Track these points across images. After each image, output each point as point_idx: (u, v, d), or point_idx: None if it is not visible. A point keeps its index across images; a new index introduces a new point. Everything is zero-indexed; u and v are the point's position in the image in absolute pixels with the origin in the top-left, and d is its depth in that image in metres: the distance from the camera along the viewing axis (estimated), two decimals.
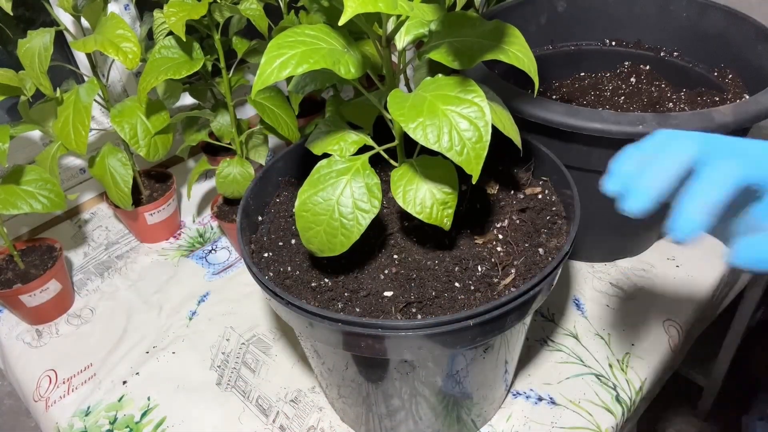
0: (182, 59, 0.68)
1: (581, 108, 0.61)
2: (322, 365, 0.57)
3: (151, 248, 0.92)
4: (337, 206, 0.46)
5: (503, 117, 0.48)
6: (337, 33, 0.43)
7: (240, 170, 0.77)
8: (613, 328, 0.74)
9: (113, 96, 0.96)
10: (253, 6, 0.69)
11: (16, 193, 0.69)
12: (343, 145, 0.51)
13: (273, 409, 0.68)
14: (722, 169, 0.33)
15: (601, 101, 0.84)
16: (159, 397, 0.70)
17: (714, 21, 0.82)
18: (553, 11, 0.89)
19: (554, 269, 0.47)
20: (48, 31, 0.66)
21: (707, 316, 0.81)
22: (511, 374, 0.63)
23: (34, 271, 0.77)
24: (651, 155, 0.36)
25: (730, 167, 0.33)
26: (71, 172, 0.97)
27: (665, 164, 0.35)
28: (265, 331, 0.77)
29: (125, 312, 0.82)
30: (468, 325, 0.44)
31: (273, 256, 0.55)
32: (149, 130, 0.73)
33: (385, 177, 0.60)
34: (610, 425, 0.64)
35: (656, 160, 0.35)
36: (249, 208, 0.58)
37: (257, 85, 0.39)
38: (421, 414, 0.57)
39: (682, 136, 0.36)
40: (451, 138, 0.40)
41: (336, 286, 0.51)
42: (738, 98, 0.77)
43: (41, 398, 0.72)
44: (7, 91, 0.69)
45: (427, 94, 0.42)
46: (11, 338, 0.80)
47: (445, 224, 0.47)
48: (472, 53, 0.43)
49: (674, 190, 0.35)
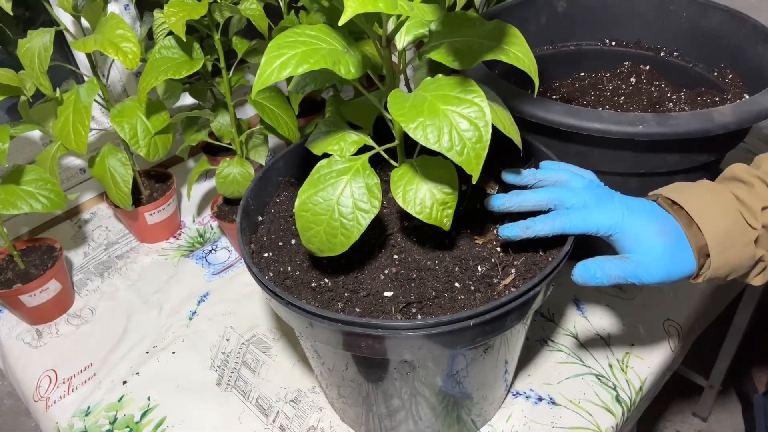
0: (182, 59, 0.67)
1: (581, 108, 0.61)
2: (322, 365, 0.57)
3: (151, 248, 0.92)
4: (337, 206, 0.46)
5: (503, 117, 0.48)
6: (337, 33, 0.43)
7: (240, 170, 0.77)
8: (613, 328, 0.74)
9: (113, 96, 0.96)
10: (253, 6, 0.69)
11: (16, 193, 0.69)
12: (343, 145, 0.51)
13: (273, 409, 0.68)
14: (548, 221, 0.49)
15: (601, 101, 0.84)
16: (159, 397, 0.70)
17: (714, 21, 0.82)
18: (553, 11, 0.89)
19: (554, 269, 0.47)
20: (48, 31, 0.66)
21: (707, 316, 0.81)
22: (511, 374, 0.63)
23: (34, 271, 0.77)
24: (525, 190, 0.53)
25: (554, 223, 0.49)
26: (71, 172, 0.97)
27: (528, 199, 0.52)
28: (265, 331, 0.77)
29: (125, 312, 0.82)
30: (468, 325, 0.44)
31: (273, 256, 0.55)
32: (149, 130, 0.73)
33: (385, 177, 0.60)
34: (610, 425, 0.64)
35: (526, 195, 0.52)
36: (249, 208, 0.58)
37: (257, 85, 0.39)
38: (421, 414, 0.57)
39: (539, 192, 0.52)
40: (451, 138, 0.40)
41: (336, 286, 0.51)
42: (738, 98, 0.77)
43: (41, 398, 0.72)
44: (7, 91, 0.69)
45: (427, 94, 0.42)
46: (11, 338, 0.80)
47: (445, 224, 0.47)
48: (472, 53, 0.43)
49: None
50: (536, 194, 0.51)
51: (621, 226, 0.49)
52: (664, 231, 0.49)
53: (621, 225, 0.49)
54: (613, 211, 0.49)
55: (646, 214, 0.49)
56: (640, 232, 0.48)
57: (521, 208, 0.51)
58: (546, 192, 0.51)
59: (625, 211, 0.49)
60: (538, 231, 0.49)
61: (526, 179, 0.54)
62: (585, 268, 0.49)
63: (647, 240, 0.48)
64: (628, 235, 0.49)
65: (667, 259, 0.48)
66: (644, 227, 0.49)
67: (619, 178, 0.66)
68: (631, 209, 0.49)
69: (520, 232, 0.49)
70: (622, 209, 0.49)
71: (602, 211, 0.49)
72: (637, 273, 0.48)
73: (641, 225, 0.49)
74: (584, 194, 0.51)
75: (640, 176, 0.66)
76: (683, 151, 0.63)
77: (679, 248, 0.49)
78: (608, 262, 0.49)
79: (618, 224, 0.49)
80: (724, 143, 0.67)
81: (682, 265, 0.49)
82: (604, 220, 0.49)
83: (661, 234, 0.48)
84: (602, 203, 0.50)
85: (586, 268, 0.49)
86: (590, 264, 0.49)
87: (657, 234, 0.48)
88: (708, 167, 0.68)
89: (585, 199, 0.50)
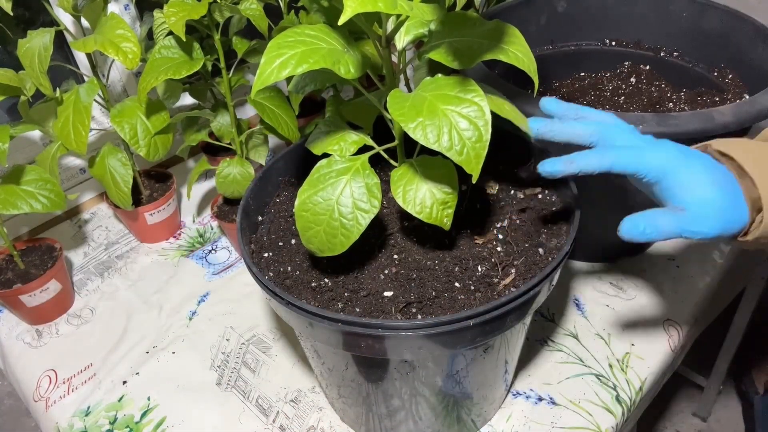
0: (182, 59, 0.68)
1: None
2: (322, 365, 0.57)
3: (151, 248, 0.92)
4: (336, 206, 0.46)
5: (499, 102, 0.48)
6: (337, 33, 0.43)
7: (240, 170, 0.77)
8: (613, 328, 0.74)
9: (113, 96, 0.96)
10: (253, 6, 0.69)
11: (16, 193, 0.69)
12: (343, 145, 0.51)
13: (273, 409, 0.68)
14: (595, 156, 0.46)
15: (601, 101, 0.84)
16: (159, 397, 0.70)
17: (714, 21, 0.82)
18: (553, 11, 0.89)
19: (554, 269, 0.47)
20: (48, 31, 0.66)
21: (707, 316, 0.81)
22: (511, 374, 0.63)
23: (34, 271, 0.77)
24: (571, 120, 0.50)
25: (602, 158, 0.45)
26: (71, 172, 0.97)
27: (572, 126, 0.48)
28: (265, 331, 0.77)
29: (125, 312, 0.82)
30: (468, 325, 0.44)
31: (273, 256, 0.55)
32: (149, 130, 0.73)
33: (385, 177, 0.60)
34: (610, 425, 0.64)
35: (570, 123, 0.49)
36: (249, 208, 0.58)
37: (257, 85, 0.39)
38: (421, 414, 0.57)
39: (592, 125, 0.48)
40: (451, 137, 0.40)
41: (336, 286, 0.51)
42: (738, 98, 0.77)
43: (41, 398, 0.72)
44: (7, 91, 0.69)
45: (426, 93, 0.42)
46: (11, 338, 0.80)
47: (445, 224, 0.47)
48: (472, 53, 0.43)
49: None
50: (582, 125, 0.47)
51: (675, 169, 0.45)
52: (720, 180, 0.45)
53: (675, 168, 0.45)
54: (667, 153, 0.45)
55: (702, 161, 0.46)
56: (695, 180, 0.44)
57: (562, 135, 0.48)
58: (593, 124, 0.47)
59: (680, 155, 0.45)
60: (584, 166, 0.45)
61: (567, 111, 0.50)
62: (633, 223, 0.44)
63: (702, 189, 0.44)
64: (681, 182, 0.45)
65: (725, 211, 0.44)
66: (699, 175, 0.45)
67: (619, 178, 0.66)
68: (686, 154, 0.46)
69: (564, 167, 0.46)
70: (676, 152, 0.45)
71: (656, 150, 0.45)
72: (694, 226, 0.44)
73: (696, 172, 0.45)
74: (634, 135, 0.47)
75: None
76: None
77: (735, 199, 0.45)
78: (660, 216, 0.45)
79: (672, 167, 0.45)
80: None
81: (738, 218, 0.45)
82: (657, 161, 0.45)
83: (717, 183, 0.44)
84: (655, 144, 0.47)
85: (634, 223, 0.44)
86: (638, 219, 0.44)
87: (713, 183, 0.44)
88: None
89: (635, 140, 0.47)
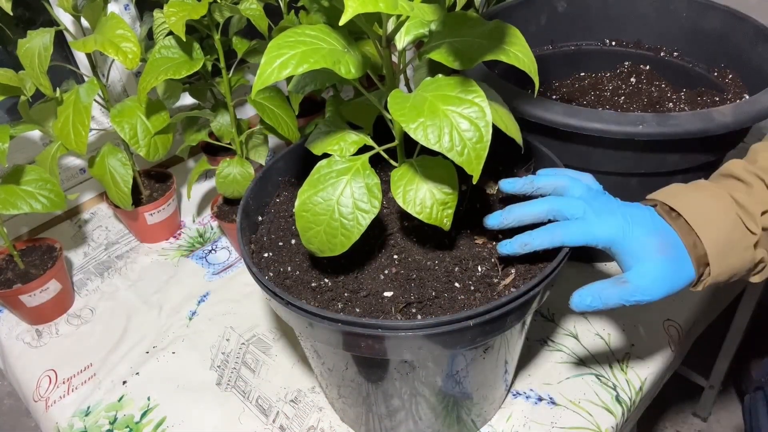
0: (182, 59, 0.67)
1: (581, 108, 0.61)
2: (322, 365, 0.57)
3: (151, 248, 0.92)
4: (337, 206, 0.46)
5: (504, 115, 0.48)
6: (337, 33, 0.43)
7: (240, 170, 0.77)
8: (613, 328, 0.74)
9: (113, 96, 0.96)
10: (253, 6, 0.69)
11: (16, 193, 0.69)
12: (343, 145, 0.51)
13: (273, 409, 0.68)
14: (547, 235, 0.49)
15: (601, 101, 0.84)
16: (159, 397, 0.70)
17: (714, 21, 0.82)
18: (553, 11, 0.89)
19: (554, 269, 0.47)
20: (48, 31, 0.66)
21: (707, 316, 0.81)
22: (511, 374, 0.63)
23: (34, 271, 0.77)
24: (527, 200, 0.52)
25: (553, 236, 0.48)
26: (71, 172, 0.97)
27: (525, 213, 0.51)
28: (265, 331, 0.77)
29: (125, 312, 0.82)
30: (468, 325, 0.44)
31: (273, 256, 0.55)
32: (149, 130, 0.73)
33: (385, 177, 0.59)
34: (610, 425, 0.64)
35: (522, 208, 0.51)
36: (249, 208, 0.58)
37: (257, 85, 0.39)
38: (421, 414, 0.57)
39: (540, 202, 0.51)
40: (451, 138, 0.40)
41: (336, 286, 0.51)
42: (738, 98, 0.77)
43: (41, 398, 0.72)
44: (7, 91, 0.69)
45: (427, 94, 0.42)
46: (11, 338, 0.80)
47: (445, 224, 0.47)
48: (472, 53, 0.43)
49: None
50: (534, 206, 0.50)
51: (621, 239, 0.48)
52: (664, 246, 0.48)
53: (621, 239, 0.48)
54: (613, 224, 0.48)
55: (647, 226, 0.49)
56: (640, 249, 0.48)
57: (521, 223, 0.50)
58: (544, 203, 0.50)
59: (626, 224, 0.48)
60: (537, 246, 0.48)
61: (524, 188, 0.53)
62: (581, 297, 0.49)
63: (648, 259, 0.48)
64: (628, 251, 0.48)
65: (668, 277, 0.48)
66: (644, 242, 0.48)
67: (619, 178, 0.66)
68: (631, 221, 0.49)
69: (519, 248, 0.49)
70: (622, 221, 0.48)
71: (602, 223, 0.48)
72: (637, 296, 0.48)
73: (641, 240, 0.48)
74: (584, 204, 0.50)
75: (640, 176, 0.66)
76: (683, 151, 0.63)
77: (679, 262, 0.48)
78: (605, 290, 0.48)
79: (618, 238, 0.48)
80: (724, 143, 0.67)
81: (683, 277, 0.48)
82: (603, 233, 0.48)
83: (661, 251, 0.48)
84: (602, 214, 0.49)
85: (581, 297, 0.49)
86: (585, 293, 0.49)
87: (657, 251, 0.48)
88: (708, 167, 0.68)
89: (585, 210, 0.49)
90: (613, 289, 0.48)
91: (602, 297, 0.48)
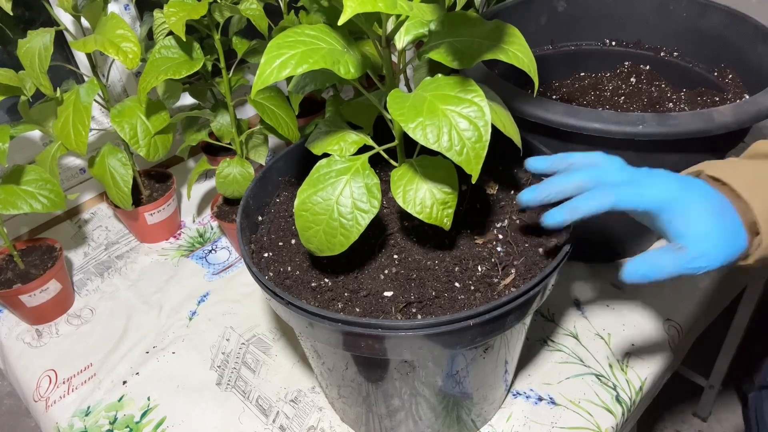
0: (182, 59, 0.67)
1: (581, 108, 0.61)
2: (322, 365, 0.57)
3: (151, 248, 0.92)
4: (336, 206, 0.46)
5: (503, 117, 0.48)
6: (337, 33, 0.43)
7: (240, 170, 0.77)
8: (613, 328, 0.74)
9: (113, 96, 0.96)
10: (253, 6, 0.69)
11: (16, 193, 0.69)
12: (343, 145, 0.51)
13: (273, 409, 0.68)
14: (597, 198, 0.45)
15: (601, 101, 0.84)
16: (159, 397, 0.70)
17: (714, 21, 0.82)
18: (553, 11, 0.89)
19: (554, 269, 0.47)
20: (48, 31, 0.66)
21: (707, 316, 0.81)
22: (511, 374, 0.63)
23: (34, 271, 0.77)
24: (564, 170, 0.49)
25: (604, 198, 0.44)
26: (71, 172, 0.97)
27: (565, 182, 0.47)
28: (265, 331, 0.77)
29: (125, 312, 0.82)
30: (468, 325, 0.44)
31: (273, 256, 0.55)
32: (149, 130, 0.73)
33: (385, 177, 0.60)
34: (610, 425, 0.64)
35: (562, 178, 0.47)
36: (249, 208, 0.58)
37: (257, 85, 0.39)
38: (421, 414, 0.57)
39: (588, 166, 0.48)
40: (450, 138, 0.40)
41: (336, 286, 0.51)
42: (738, 98, 0.77)
43: (41, 398, 0.72)
44: (7, 91, 0.69)
45: (426, 93, 0.42)
46: (11, 338, 0.80)
47: (445, 224, 0.47)
48: (472, 53, 0.43)
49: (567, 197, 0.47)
50: (574, 176, 0.46)
51: (675, 202, 0.44)
52: (717, 211, 0.44)
53: (675, 201, 0.44)
54: (666, 185, 0.45)
55: (698, 190, 0.45)
56: (695, 212, 0.44)
57: (561, 195, 0.47)
58: (585, 173, 0.46)
59: (678, 186, 0.45)
60: (586, 211, 0.44)
61: (555, 164, 0.49)
62: (635, 266, 0.44)
63: (701, 224, 0.44)
64: (681, 215, 0.44)
65: (728, 242, 0.44)
66: (699, 205, 0.44)
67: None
68: (684, 185, 0.45)
69: (568, 215, 0.45)
70: (675, 184, 0.45)
71: (655, 184, 0.45)
72: (696, 263, 0.43)
73: (696, 203, 0.44)
74: (626, 169, 0.47)
75: None
76: (683, 151, 0.63)
77: (734, 228, 0.45)
78: (661, 257, 0.44)
79: (673, 199, 0.44)
80: (724, 143, 0.67)
81: (738, 244, 0.44)
82: (657, 195, 0.44)
83: (716, 214, 0.44)
84: (651, 176, 0.46)
85: (635, 266, 0.44)
86: (639, 261, 0.44)
87: (711, 215, 0.44)
88: None
89: (631, 174, 0.46)
90: (670, 256, 0.44)
91: (659, 266, 0.44)
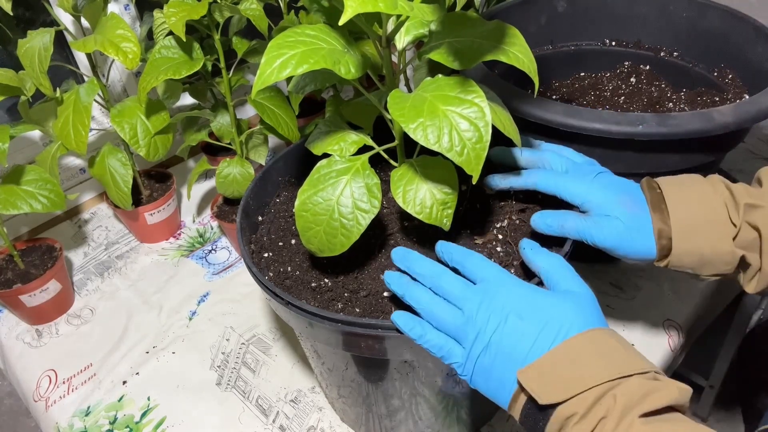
0: (182, 59, 0.67)
1: (581, 108, 0.61)
2: (322, 365, 0.57)
3: (151, 248, 0.92)
4: (336, 206, 0.46)
5: (503, 117, 0.48)
6: (337, 33, 0.43)
7: (240, 170, 0.77)
8: (613, 328, 0.73)
9: (113, 96, 0.96)
10: (253, 6, 0.69)
11: (16, 193, 0.69)
12: (343, 145, 0.51)
13: (273, 409, 0.68)
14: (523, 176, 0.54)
15: (601, 101, 0.84)
16: (159, 397, 0.70)
17: (714, 21, 0.82)
18: (553, 11, 0.89)
19: None
20: (48, 31, 0.66)
21: (707, 316, 0.81)
22: None
23: (34, 271, 0.77)
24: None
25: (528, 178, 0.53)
26: (71, 172, 0.97)
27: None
28: (265, 331, 0.77)
29: (125, 312, 0.82)
30: None
31: (273, 256, 0.55)
32: (149, 130, 0.73)
33: (385, 177, 0.60)
34: None
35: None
36: (249, 208, 0.58)
37: (257, 85, 0.39)
38: (421, 414, 0.57)
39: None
40: (451, 138, 0.40)
41: (336, 286, 0.51)
42: (738, 98, 0.77)
43: (41, 398, 0.72)
44: (7, 91, 0.69)
45: (427, 94, 0.42)
46: (11, 338, 0.80)
47: (445, 224, 0.47)
48: (472, 53, 0.43)
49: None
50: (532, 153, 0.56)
51: (589, 196, 0.50)
52: (628, 203, 0.50)
53: (589, 195, 0.50)
54: (586, 183, 0.51)
55: (617, 189, 0.51)
56: (605, 201, 0.50)
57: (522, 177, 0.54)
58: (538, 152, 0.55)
59: (598, 185, 0.51)
60: (514, 183, 0.53)
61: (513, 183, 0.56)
62: (542, 215, 0.51)
63: (609, 206, 0.50)
64: (595, 204, 0.50)
65: (624, 227, 0.49)
66: (610, 197, 0.50)
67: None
68: (604, 184, 0.51)
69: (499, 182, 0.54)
70: (596, 183, 0.51)
71: (576, 179, 0.51)
72: (591, 230, 0.49)
73: (608, 195, 0.50)
74: (570, 164, 0.53)
75: (640, 176, 0.66)
76: (683, 151, 0.63)
77: (639, 222, 0.49)
78: (567, 215, 0.50)
79: (587, 194, 0.50)
80: (724, 143, 0.67)
81: (639, 240, 0.49)
82: (574, 188, 0.51)
83: (624, 204, 0.50)
84: (581, 174, 0.52)
85: (543, 215, 0.51)
86: (548, 213, 0.51)
87: (620, 203, 0.50)
88: (708, 167, 0.68)
89: (568, 167, 0.53)
90: (573, 216, 0.50)
91: (561, 220, 0.50)
